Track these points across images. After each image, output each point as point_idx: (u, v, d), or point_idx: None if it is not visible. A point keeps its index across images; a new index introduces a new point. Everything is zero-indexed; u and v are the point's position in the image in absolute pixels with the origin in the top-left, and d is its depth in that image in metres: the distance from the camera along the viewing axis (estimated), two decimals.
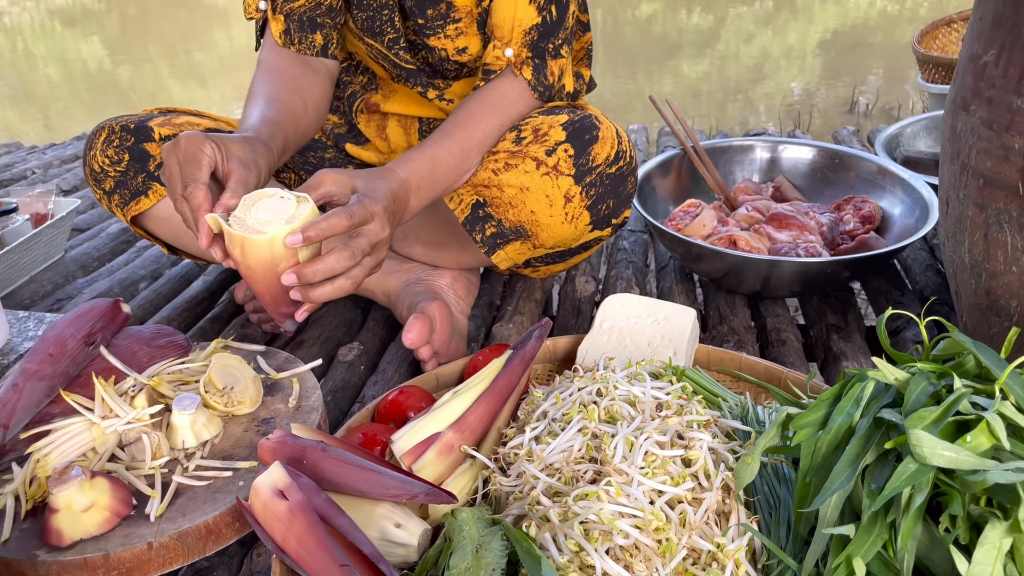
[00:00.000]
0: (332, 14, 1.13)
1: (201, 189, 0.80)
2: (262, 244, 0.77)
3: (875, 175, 1.32)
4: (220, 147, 0.83)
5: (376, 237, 0.83)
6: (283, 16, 1.11)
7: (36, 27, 8.61)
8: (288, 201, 0.79)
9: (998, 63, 0.76)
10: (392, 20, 1.13)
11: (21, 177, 1.96)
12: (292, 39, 1.11)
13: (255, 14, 1.14)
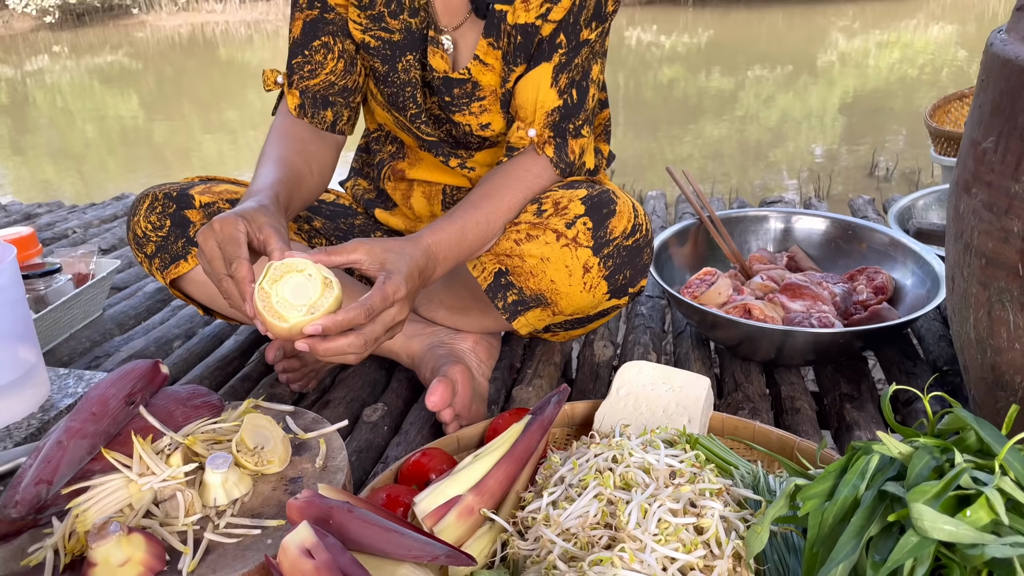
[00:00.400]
0: (345, 94, 1.20)
1: (244, 265, 0.86)
2: (283, 330, 0.84)
3: (887, 247, 1.36)
4: (250, 221, 0.89)
5: (393, 320, 0.88)
6: (299, 92, 1.19)
7: (75, 85, 8.92)
8: (314, 282, 0.85)
9: (996, 150, 0.80)
10: (415, 96, 1.20)
11: (62, 236, 2.04)
12: (306, 113, 1.19)
13: (273, 87, 1.22)
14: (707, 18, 10.74)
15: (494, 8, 1.12)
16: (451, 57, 1.17)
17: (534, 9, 1.11)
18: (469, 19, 1.15)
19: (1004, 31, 0.86)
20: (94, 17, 13.22)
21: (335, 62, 1.18)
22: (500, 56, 1.14)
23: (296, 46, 1.18)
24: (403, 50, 1.17)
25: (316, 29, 1.17)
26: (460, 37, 1.16)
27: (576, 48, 1.12)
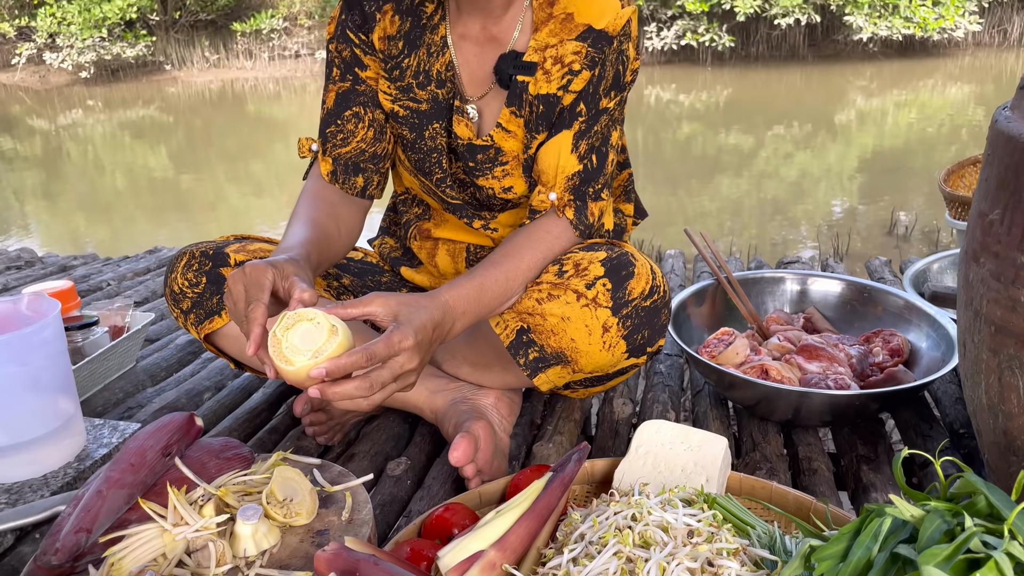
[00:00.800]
0: (374, 161, 1.27)
1: (260, 307, 0.92)
2: (289, 373, 0.90)
3: (902, 309, 1.38)
4: (278, 270, 0.96)
5: (402, 369, 0.93)
6: (331, 159, 1.26)
7: (107, 137, 9.17)
8: (321, 329, 0.90)
9: (1003, 222, 0.84)
10: (441, 162, 1.25)
11: (97, 288, 2.11)
12: (337, 179, 1.26)
13: (307, 153, 1.29)
14: (725, 77, 10.90)
15: (516, 79, 1.18)
16: (475, 125, 1.22)
17: (555, 80, 1.17)
18: (493, 89, 1.21)
19: (1008, 108, 0.89)
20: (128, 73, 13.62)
21: (365, 131, 1.24)
22: (522, 123, 1.20)
23: (329, 116, 1.25)
24: (430, 119, 1.23)
25: (348, 100, 1.23)
26: (484, 106, 1.22)
27: (595, 116, 1.17)
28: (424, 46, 1.21)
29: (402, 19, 1.22)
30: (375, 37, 1.22)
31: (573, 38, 1.16)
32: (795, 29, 11.70)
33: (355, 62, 1.24)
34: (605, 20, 1.15)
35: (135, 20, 13.38)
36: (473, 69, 1.22)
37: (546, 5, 1.17)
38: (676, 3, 11.72)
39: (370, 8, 1.21)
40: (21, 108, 11.60)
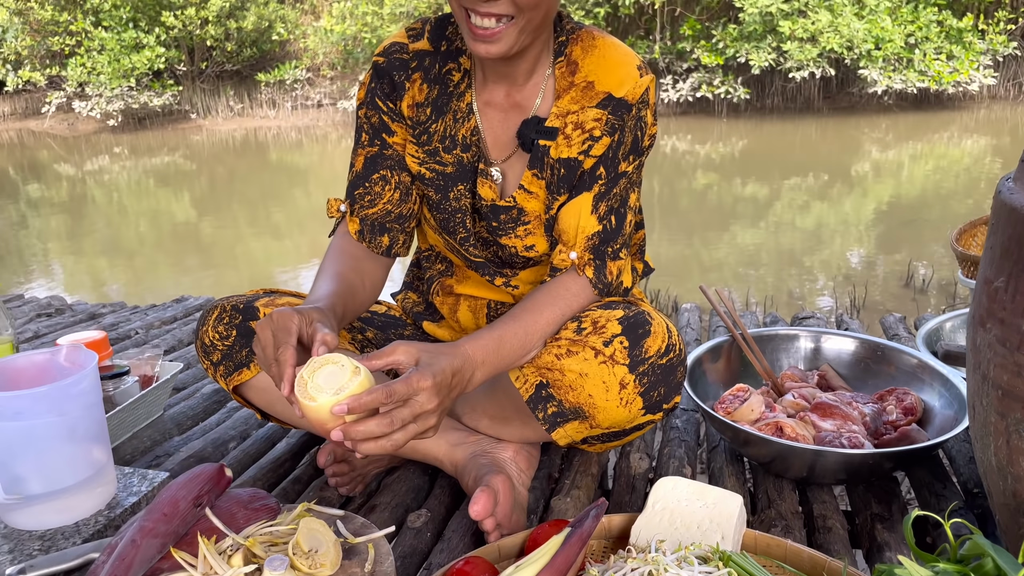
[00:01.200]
0: (400, 221, 1.32)
1: (289, 349, 0.97)
2: (313, 409, 0.94)
3: (915, 368, 1.40)
4: (304, 316, 1.01)
5: (421, 408, 0.97)
6: (359, 220, 1.31)
7: (132, 184, 9.36)
8: (344, 370, 0.95)
9: (1007, 289, 0.87)
10: (464, 222, 1.30)
11: (125, 336, 2.16)
12: (364, 237, 1.31)
13: (336, 214, 1.34)
14: (741, 128, 11.02)
15: (538, 144, 1.23)
16: (499, 186, 1.27)
17: (576, 145, 1.22)
18: (516, 153, 1.27)
19: (1012, 179, 0.93)
20: (154, 121, 13.95)
21: (392, 192, 1.29)
22: (544, 185, 1.25)
23: (358, 178, 1.30)
24: (455, 181, 1.28)
25: (376, 163, 1.29)
26: (508, 168, 1.27)
27: (615, 179, 1.22)
28: (451, 112, 1.27)
29: (430, 87, 1.27)
30: (404, 105, 1.28)
31: (594, 105, 1.21)
32: (810, 82, 11.84)
33: (383, 128, 1.29)
34: (624, 89, 1.20)
35: (163, 70, 13.74)
36: (497, 133, 1.27)
37: (568, 74, 1.23)
38: (692, 56, 11.91)
39: (399, 78, 1.27)
40: (49, 154, 11.88)
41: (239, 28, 13.64)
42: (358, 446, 0.95)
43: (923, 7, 11.41)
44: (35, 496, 1.12)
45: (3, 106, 15.41)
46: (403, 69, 1.27)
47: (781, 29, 10.78)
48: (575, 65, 1.23)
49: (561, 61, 1.23)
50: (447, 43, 1.27)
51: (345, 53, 13.03)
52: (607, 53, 1.23)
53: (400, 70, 1.27)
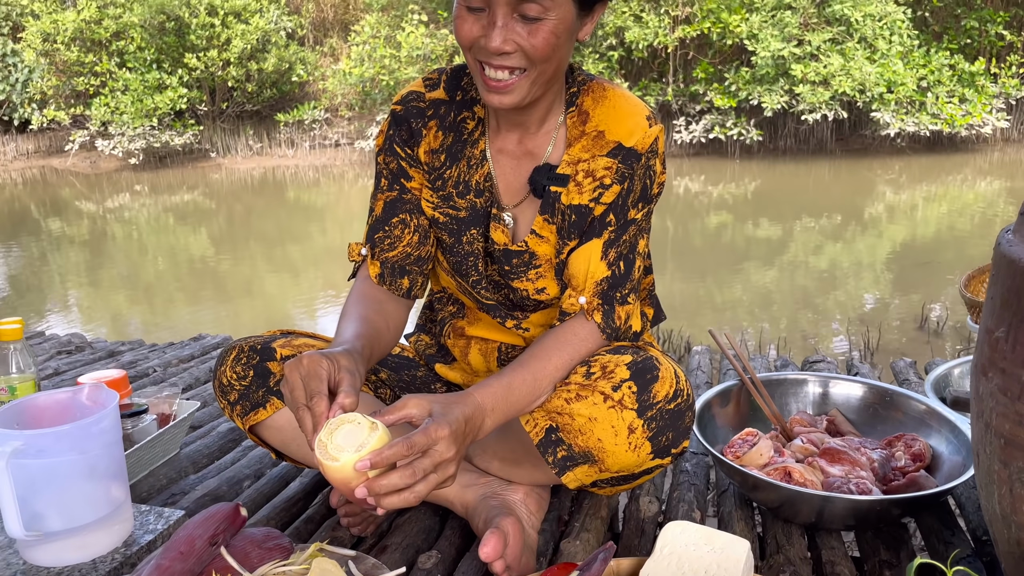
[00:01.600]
0: (419, 263, 1.35)
1: (324, 401, 1.00)
2: (336, 469, 0.96)
3: (923, 414, 1.41)
4: (333, 361, 1.03)
5: (440, 457, 0.99)
6: (379, 263, 1.34)
7: (152, 221, 9.49)
8: (362, 427, 0.98)
9: (1007, 339, 0.88)
10: (477, 265, 1.33)
11: (143, 374, 2.20)
12: (384, 281, 1.34)
13: (357, 258, 1.38)
14: (753, 169, 11.08)
15: (550, 190, 1.27)
16: (511, 231, 1.31)
17: (587, 192, 1.25)
18: (528, 198, 1.30)
19: (1011, 232, 0.95)
20: (175, 159, 14.17)
21: (411, 236, 1.33)
22: (554, 230, 1.28)
23: (377, 222, 1.34)
24: (468, 225, 1.31)
25: (395, 208, 1.33)
26: (519, 214, 1.31)
27: (624, 226, 1.25)
28: (465, 159, 1.31)
29: (445, 134, 1.32)
30: (421, 151, 1.32)
31: (604, 154, 1.24)
32: (822, 124, 11.91)
33: (401, 173, 1.33)
34: (634, 139, 1.24)
35: (184, 110, 13.99)
36: (510, 180, 1.31)
37: (579, 123, 1.27)
38: (704, 98, 12.02)
39: (416, 125, 1.32)
40: (71, 191, 12.08)
41: (260, 70, 13.90)
42: (381, 501, 0.97)
43: (935, 51, 11.50)
44: (54, 533, 1.14)
45: (27, 144, 15.71)
46: (420, 117, 1.32)
47: (793, 72, 10.88)
48: (586, 115, 1.27)
49: (573, 111, 1.28)
50: (462, 93, 1.32)
51: (363, 94, 13.25)
52: (617, 104, 1.27)
53: (417, 117, 1.32)
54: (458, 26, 1.15)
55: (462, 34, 1.14)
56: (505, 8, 1.09)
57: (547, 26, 1.11)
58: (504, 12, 1.09)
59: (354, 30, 13.81)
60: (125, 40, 13.68)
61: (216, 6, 13.53)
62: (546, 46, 1.12)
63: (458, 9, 1.14)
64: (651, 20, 11.63)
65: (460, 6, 1.14)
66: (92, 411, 1.19)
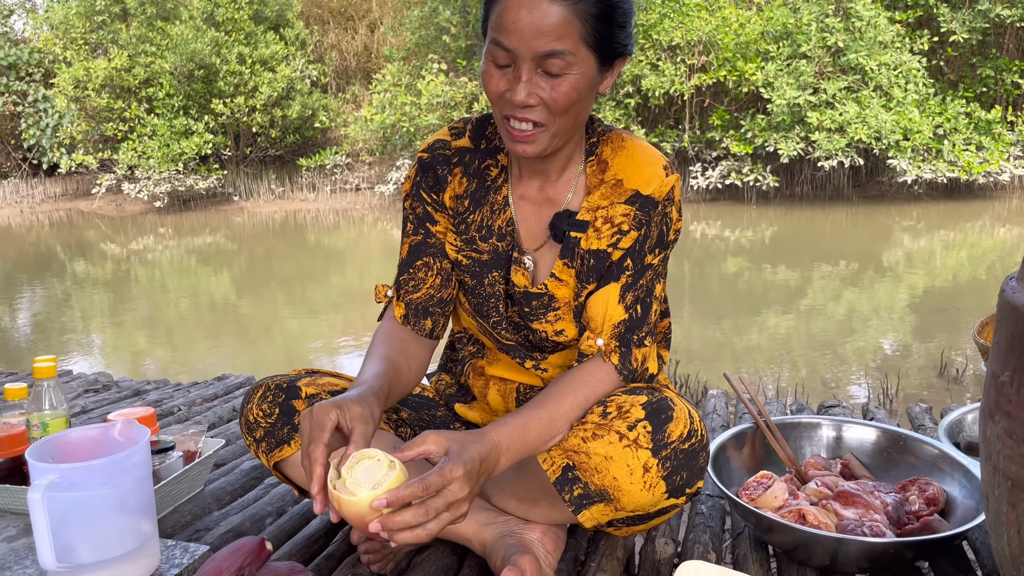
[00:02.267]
0: (441, 305, 1.40)
1: (320, 447, 1.05)
2: (353, 504, 1.00)
3: (937, 459, 1.43)
4: (343, 410, 1.08)
5: (454, 497, 1.03)
6: (404, 304, 1.39)
7: (174, 263, 9.64)
8: (381, 464, 1.02)
9: (1012, 383, 0.91)
10: (498, 307, 1.38)
11: (168, 413, 2.24)
12: (408, 321, 1.39)
13: (383, 299, 1.43)
14: (770, 215, 11.12)
15: (570, 235, 1.31)
16: (531, 274, 1.35)
17: (605, 238, 1.30)
18: (547, 243, 1.35)
19: (1015, 279, 0.98)
20: (198, 203, 14.42)
21: (434, 278, 1.38)
22: (573, 274, 1.32)
23: (403, 266, 1.39)
24: (490, 268, 1.36)
25: (420, 251, 1.38)
26: (539, 257, 1.36)
27: (641, 271, 1.29)
28: (488, 204, 1.36)
29: (469, 181, 1.37)
30: (446, 196, 1.38)
31: (623, 201, 1.29)
32: (839, 170, 11.96)
33: (427, 218, 1.39)
34: (652, 187, 1.29)
35: (209, 155, 14.28)
36: (530, 225, 1.36)
37: (598, 172, 1.32)
38: (721, 145, 12.13)
39: (442, 172, 1.37)
40: (96, 234, 12.31)
41: (284, 116, 14.21)
42: (394, 536, 1.01)
43: (951, 99, 11.57)
44: (84, 565, 1.18)
45: (55, 187, 16.05)
46: (446, 164, 1.38)
47: (809, 120, 10.98)
48: (605, 164, 1.32)
49: (592, 160, 1.33)
50: (487, 141, 1.38)
51: (384, 140, 13.48)
52: (636, 154, 1.32)
53: (443, 164, 1.38)
54: (486, 81, 1.21)
55: (490, 88, 1.21)
56: (530, 64, 1.15)
57: (569, 81, 1.16)
58: (528, 68, 1.16)
59: (376, 78, 14.12)
60: (154, 87, 14.04)
61: (245, 55, 13.88)
62: (567, 100, 1.17)
63: (486, 65, 1.20)
64: (667, 68, 11.80)
65: (488, 62, 1.20)
66: (124, 446, 1.23)
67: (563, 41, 1.14)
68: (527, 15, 1.13)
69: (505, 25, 1.14)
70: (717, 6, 12.20)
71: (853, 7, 11.16)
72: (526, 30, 1.13)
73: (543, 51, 1.14)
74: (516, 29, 1.13)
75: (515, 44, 1.14)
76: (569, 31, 1.14)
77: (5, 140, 16.35)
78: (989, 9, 11.32)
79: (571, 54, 1.15)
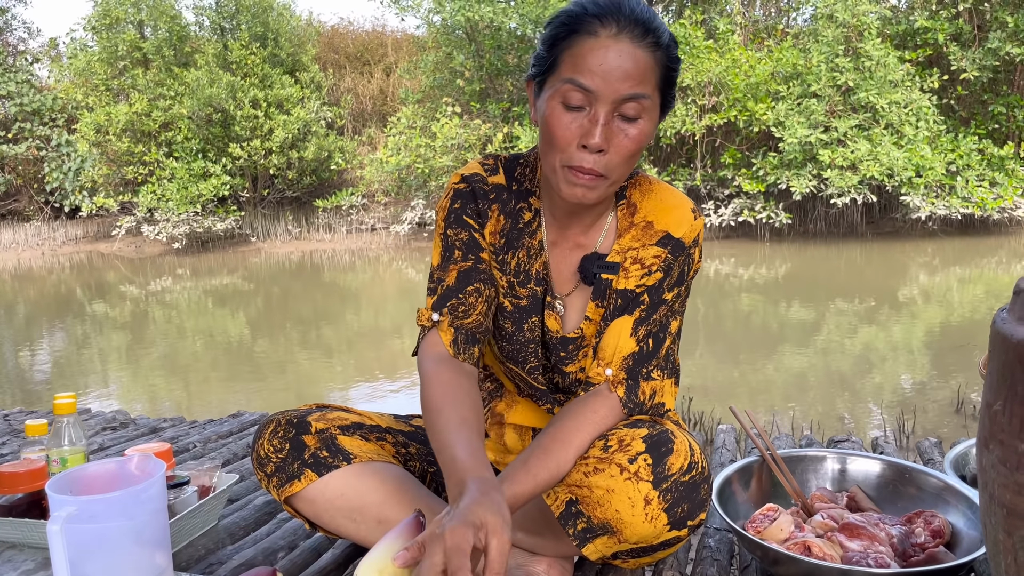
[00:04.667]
0: (486, 333, 1.38)
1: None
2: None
3: (941, 491, 1.43)
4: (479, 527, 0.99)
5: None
6: (453, 330, 1.34)
7: (191, 303, 9.74)
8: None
9: (1004, 412, 0.93)
10: (537, 352, 1.39)
11: (184, 450, 2.28)
12: (459, 348, 1.33)
13: (427, 323, 1.36)
14: (784, 252, 11.13)
15: (601, 277, 1.34)
16: (562, 318, 1.38)
17: (633, 278, 1.33)
18: (578, 287, 1.38)
19: (1006, 311, 1.01)
20: (216, 244, 14.61)
21: (483, 305, 1.36)
22: (601, 313, 1.35)
23: (450, 291, 1.35)
24: (529, 313, 1.38)
25: (471, 277, 1.35)
26: (570, 302, 1.39)
27: (655, 305, 1.32)
28: (524, 248, 1.37)
29: (505, 219, 1.38)
30: (487, 231, 1.38)
31: (654, 243, 1.33)
32: (852, 207, 11.98)
33: (475, 244, 1.37)
34: (682, 230, 1.32)
35: (227, 196, 14.50)
36: (561, 269, 1.39)
37: (628, 215, 1.36)
38: (733, 183, 12.19)
39: (482, 205, 1.38)
40: (116, 275, 12.48)
41: (300, 158, 14.44)
42: None
43: (963, 136, 11.60)
44: None
45: (76, 229, 16.32)
46: (484, 198, 1.37)
47: (821, 158, 11.03)
48: (634, 207, 1.36)
49: (623, 203, 1.36)
50: (517, 183, 1.39)
51: (399, 181, 13.66)
52: (664, 197, 1.35)
53: (483, 198, 1.37)
54: (552, 122, 1.18)
55: (557, 130, 1.17)
56: (608, 107, 1.16)
57: (642, 126, 1.19)
58: (607, 111, 1.17)
59: (391, 121, 14.35)
60: (173, 131, 14.33)
61: (260, 98, 14.16)
62: (637, 145, 1.19)
63: (553, 107, 1.18)
64: (679, 109, 11.93)
65: (557, 104, 1.17)
66: (140, 479, 1.27)
67: (645, 86, 1.16)
68: (616, 57, 1.14)
69: (589, 66, 1.15)
70: (727, 48, 12.36)
71: (863, 47, 11.27)
72: (613, 72, 1.14)
73: (627, 94, 1.15)
74: (602, 71, 1.14)
75: (599, 85, 1.15)
76: (650, 77, 1.17)
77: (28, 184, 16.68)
78: (999, 47, 11.40)
79: (648, 98, 1.17)
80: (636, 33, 1.15)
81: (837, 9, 11.39)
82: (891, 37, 12.30)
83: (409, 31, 19.20)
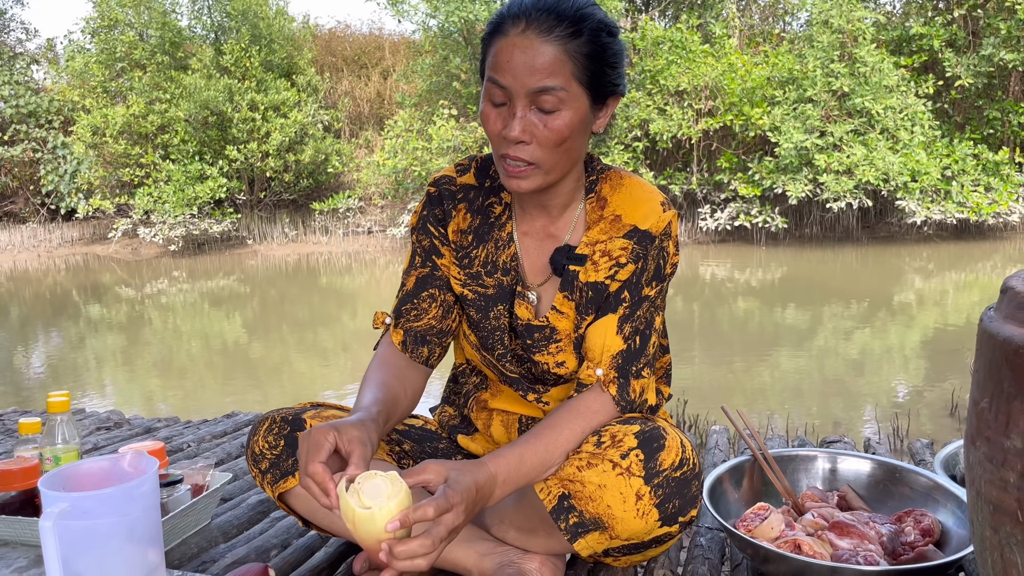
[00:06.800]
0: (439, 336, 1.45)
1: (318, 466, 1.09)
2: (367, 517, 1.03)
3: (931, 490, 1.44)
4: (341, 432, 1.12)
5: (452, 525, 1.07)
6: (403, 331, 1.44)
7: (188, 306, 9.73)
8: (386, 482, 1.06)
9: (991, 409, 0.94)
10: (503, 339, 1.42)
11: (178, 449, 2.28)
12: (407, 348, 1.43)
13: (381, 325, 1.48)
14: (780, 256, 11.15)
15: (569, 269, 1.36)
16: (534, 307, 1.39)
17: (603, 270, 1.34)
18: (551, 278, 1.39)
19: (993, 310, 1.02)
20: (212, 246, 14.59)
21: (436, 309, 1.43)
22: (573, 306, 1.37)
23: (407, 296, 1.44)
24: (495, 302, 1.40)
25: (426, 283, 1.43)
26: (543, 292, 1.40)
27: (638, 303, 1.33)
28: (492, 240, 1.41)
29: (473, 217, 1.43)
30: (450, 230, 1.43)
31: (621, 236, 1.34)
32: (848, 212, 12.01)
33: (433, 251, 1.44)
34: (649, 222, 1.34)
35: (224, 199, 14.49)
36: (533, 260, 1.41)
37: (597, 208, 1.37)
38: (729, 187, 12.22)
39: (448, 206, 1.43)
40: (111, 277, 12.46)
41: (297, 161, 14.43)
42: (395, 563, 1.04)
43: (958, 141, 11.64)
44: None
45: (72, 231, 16.30)
46: (451, 199, 1.43)
47: (816, 162, 11.06)
48: (604, 201, 1.37)
49: (592, 197, 1.38)
50: (491, 180, 1.44)
51: (396, 184, 13.66)
52: (633, 191, 1.37)
53: (449, 199, 1.43)
54: (484, 119, 1.27)
55: (487, 126, 1.27)
56: (524, 101, 1.21)
57: (561, 117, 1.22)
58: (523, 104, 1.21)
59: (388, 124, 14.36)
60: (170, 133, 14.32)
61: (257, 101, 14.16)
62: (559, 136, 1.23)
63: (484, 104, 1.27)
64: (675, 113, 11.96)
65: (486, 102, 1.26)
66: (133, 476, 1.27)
67: (555, 78, 1.20)
68: (521, 54, 1.19)
69: (500, 64, 1.21)
70: (723, 53, 12.40)
71: (858, 53, 11.31)
72: (520, 68, 1.19)
73: (536, 87, 1.19)
74: (511, 67, 1.19)
75: (510, 82, 1.20)
76: (561, 69, 1.20)
77: (24, 186, 16.66)
78: (993, 54, 11.45)
79: (563, 90, 1.20)
80: (544, 27, 1.19)
81: (832, 15, 11.44)
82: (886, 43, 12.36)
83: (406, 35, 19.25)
